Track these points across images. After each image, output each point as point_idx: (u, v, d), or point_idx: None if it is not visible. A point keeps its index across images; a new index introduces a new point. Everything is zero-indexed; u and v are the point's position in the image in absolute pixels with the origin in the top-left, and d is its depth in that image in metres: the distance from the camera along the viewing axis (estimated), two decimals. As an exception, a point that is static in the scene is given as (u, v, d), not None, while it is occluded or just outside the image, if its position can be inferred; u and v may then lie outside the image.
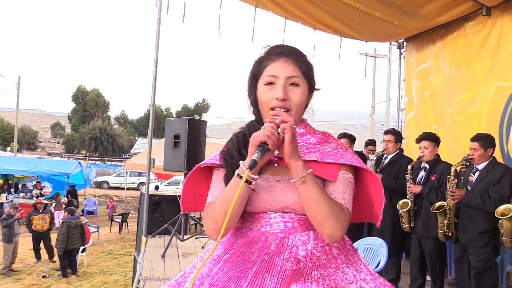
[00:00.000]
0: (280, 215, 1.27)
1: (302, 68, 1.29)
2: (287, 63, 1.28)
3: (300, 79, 1.28)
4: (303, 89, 1.29)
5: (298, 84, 1.28)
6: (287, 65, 1.27)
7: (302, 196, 1.19)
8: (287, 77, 1.27)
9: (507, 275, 4.20)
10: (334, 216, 1.17)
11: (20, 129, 50.78)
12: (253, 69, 1.33)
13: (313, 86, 1.33)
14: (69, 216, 9.38)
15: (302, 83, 1.28)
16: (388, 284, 1.28)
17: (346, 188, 1.26)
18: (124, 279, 8.72)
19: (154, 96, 5.20)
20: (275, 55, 1.29)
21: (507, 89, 4.52)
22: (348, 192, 1.26)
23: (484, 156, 3.57)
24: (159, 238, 5.12)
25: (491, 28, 4.80)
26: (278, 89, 1.25)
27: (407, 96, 6.54)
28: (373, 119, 18.21)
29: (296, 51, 1.32)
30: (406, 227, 4.13)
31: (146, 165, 5.41)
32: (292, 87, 1.27)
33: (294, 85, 1.27)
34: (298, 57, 1.30)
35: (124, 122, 64.26)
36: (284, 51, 1.30)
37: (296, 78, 1.27)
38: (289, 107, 1.26)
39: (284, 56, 1.28)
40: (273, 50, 1.31)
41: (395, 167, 4.48)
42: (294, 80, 1.27)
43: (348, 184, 1.27)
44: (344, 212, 1.21)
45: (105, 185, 26.96)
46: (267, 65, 1.29)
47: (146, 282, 3.66)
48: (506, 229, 3.30)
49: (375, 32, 5.84)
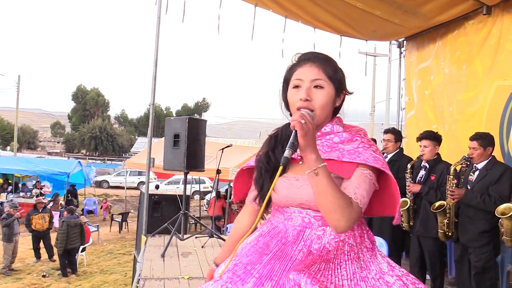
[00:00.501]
0: (298, 211, 1.39)
1: (327, 71, 1.39)
2: (312, 67, 1.39)
3: (324, 81, 1.38)
4: (328, 91, 1.38)
5: (323, 86, 1.38)
6: (312, 69, 1.38)
7: (313, 188, 1.27)
8: (311, 80, 1.37)
9: (508, 274, 4.20)
10: (340, 208, 1.23)
11: (20, 128, 50.78)
12: (284, 75, 1.46)
13: (340, 89, 1.42)
14: (69, 215, 9.37)
15: (326, 85, 1.38)
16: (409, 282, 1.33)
17: (361, 183, 1.31)
18: (124, 279, 8.71)
19: (154, 95, 5.19)
20: (302, 60, 1.42)
21: (508, 88, 4.51)
22: (363, 187, 1.31)
23: (483, 155, 3.56)
24: (159, 238, 5.11)
25: (492, 27, 4.79)
26: (302, 90, 1.37)
27: (407, 95, 6.53)
28: (373, 118, 18.23)
29: (322, 56, 1.42)
30: (405, 226, 4.13)
31: (146, 164, 5.40)
32: (316, 89, 1.37)
33: (319, 87, 1.38)
34: (323, 61, 1.40)
35: (124, 121, 64.30)
36: (310, 56, 1.42)
37: (320, 81, 1.38)
38: (312, 107, 1.36)
39: (310, 61, 1.40)
40: (301, 57, 1.44)
41: (394, 166, 4.47)
42: (318, 83, 1.38)
43: (364, 179, 1.32)
44: (351, 205, 1.26)
45: (105, 184, 26.97)
46: (295, 70, 1.41)
47: (145, 282, 3.64)
48: (506, 228, 3.29)
49: (375, 31, 5.83)
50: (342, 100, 1.45)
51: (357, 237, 1.37)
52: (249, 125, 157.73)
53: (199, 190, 17.39)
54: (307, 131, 1.23)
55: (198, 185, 16.18)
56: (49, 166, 16.42)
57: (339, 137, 1.40)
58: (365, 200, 1.30)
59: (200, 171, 5.10)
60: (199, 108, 61.21)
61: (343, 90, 1.43)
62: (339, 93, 1.42)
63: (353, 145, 1.38)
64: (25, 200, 14.90)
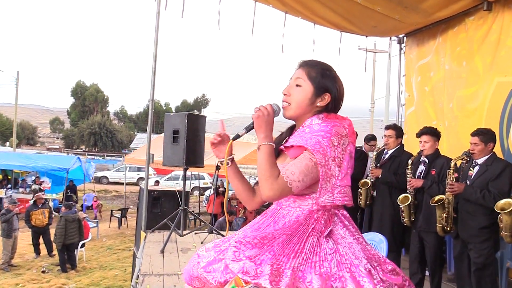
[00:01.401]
0: None
1: (310, 73, 1.63)
2: (299, 69, 1.67)
3: (303, 81, 1.63)
4: (304, 89, 1.63)
5: (301, 85, 1.64)
6: (299, 71, 1.67)
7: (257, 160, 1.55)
8: (295, 78, 1.66)
9: (507, 271, 4.20)
10: (265, 178, 1.50)
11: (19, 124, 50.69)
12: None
13: (322, 90, 1.63)
14: (67, 210, 9.37)
15: (305, 84, 1.63)
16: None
17: (296, 162, 1.52)
18: (123, 274, 8.72)
19: (153, 91, 5.17)
20: (298, 65, 1.70)
21: (508, 85, 4.50)
22: (297, 166, 1.51)
23: (484, 151, 3.55)
24: (158, 233, 5.11)
25: (492, 23, 4.77)
26: (286, 87, 1.67)
27: (407, 91, 6.52)
28: (373, 115, 18.20)
29: (312, 61, 1.68)
30: (407, 221, 4.12)
31: (145, 160, 5.39)
32: (296, 87, 1.65)
33: (298, 86, 1.64)
34: (311, 65, 1.66)
35: (124, 117, 64.22)
36: (302, 62, 1.69)
37: (299, 80, 1.64)
38: (289, 101, 1.65)
39: (302, 66, 1.68)
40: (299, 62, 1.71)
41: (395, 162, 4.47)
42: (297, 82, 1.65)
43: (301, 160, 1.52)
44: (276, 178, 1.49)
45: (104, 180, 26.97)
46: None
47: (145, 278, 3.65)
48: (506, 224, 3.28)
49: (375, 26, 5.80)
50: (328, 101, 1.64)
51: (312, 218, 1.56)
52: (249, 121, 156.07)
53: (198, 186, 17.40)
54: (259, 115, 1.57)
55: (198, 181, 16.20)
56: (48, 162, 16.40)
57: (310, 128, 1.60)
58: (295, 177, 1.49)
59: (199, 167, 5.10)
60: (198, 104, 61.14)
61: (326, 92, 1.63)
62: (319, 94, 1.63)
63: (314, 133, 1.56)
64: (24, 196, 14.89)
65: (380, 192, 4.56)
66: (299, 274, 1.42)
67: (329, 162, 1.50)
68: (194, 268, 1.65)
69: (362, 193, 4.76)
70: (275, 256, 1.43)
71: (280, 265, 1.41)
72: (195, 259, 1.68)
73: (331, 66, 1.69)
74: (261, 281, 1.37)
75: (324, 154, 1.49)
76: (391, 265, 1.61)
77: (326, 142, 1.50)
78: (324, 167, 1.50)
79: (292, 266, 1.42)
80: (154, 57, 5.15)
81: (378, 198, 4.61)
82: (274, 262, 1.41)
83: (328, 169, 1.50)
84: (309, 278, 1.42)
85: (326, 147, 1.50)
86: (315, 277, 1.42)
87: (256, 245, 1.45)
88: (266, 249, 1.45)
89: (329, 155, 1.50)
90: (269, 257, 1.42)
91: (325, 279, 1.43)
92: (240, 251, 1.43)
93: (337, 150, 1.52)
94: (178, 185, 15.88)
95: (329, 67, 1.67)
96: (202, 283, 1.62)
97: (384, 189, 4.48)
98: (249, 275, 1.38)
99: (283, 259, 1.43)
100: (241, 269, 1.39)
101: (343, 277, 1.45)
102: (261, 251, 1.44)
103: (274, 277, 1.37)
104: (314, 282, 1.41)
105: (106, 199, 21.40)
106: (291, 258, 1.44)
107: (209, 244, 1.71)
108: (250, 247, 1.45)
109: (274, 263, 1.41)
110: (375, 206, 4.64)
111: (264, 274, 1.37)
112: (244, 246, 1.45)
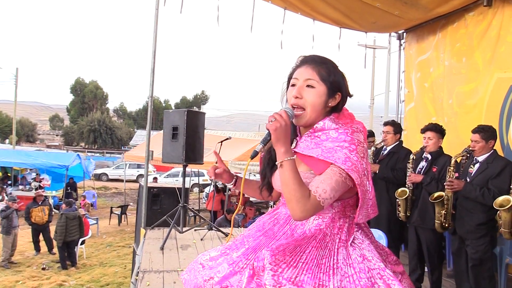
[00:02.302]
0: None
1: (320, 73, 1.51)
2: (307, 68, 1.53)
3: (315, 82, 1.51)
4: (318, 90, 1.50)
5: (314, 86, 1.51)
6: (307, 70, 1.52)
7: (280, 177, 1.42)
8: (304, 79, 1.52)
9: (506, 266, 4.21)
10: (296, 199, 1.36)
11: (19, 121, 50.63)
12: (288, 74, 1.61)
13: (334, 90, 1.53)
14: (67, 208, 9.38)
15: (318, 85, 1.50)
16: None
17: (326, 179, 1.40)
18: (123, 271, 8.74)
19: (152, 87, 5.16)
20: (300, 62, 1.57)
21: (508, 80, 4.49)
22: (327, 182, 1.39)
23: (485, 148, 3.53)
24: (158, 230, 5.12)
25: (492, 19, 4.76)
26: (296, 89, 1.52)
27: (407, 87, 6.51)
28: (372, 111, 18.18)
29: (318, 59, 1.55)
30: (402, 216, 4.13)
31: (145, 157, 5.39)
32: (308, 88, 1.51)
33: (310, 87, 1.51)
34: (319, 63, 1.53)
35: (123, 114, 64.10)
36: (307, 59, 1.56)
37: (311, 81, 1.51)
38: (303, 105, 1.51)
39: (307, 63, 1.54)
40: (301, 59, 1.58)
41: (393, 158, 4.47)
42: (309, 83, 1.51)
43: (331, 176, 1.40)
44: (308, 198, 1.37)
45: (104, 177, 26.97)
46: (295, 71, 1.56)
47: (144, 274, 3.65)
48: (505, 220, 3.28)
49: (375, 22, 5.79)
50: (338, 101, 1.54)
51: (335, 228, 1.49)
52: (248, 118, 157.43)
53: (198, 183, 17.40)
54: (277, 127, 1.39)
55: (197, 177, 16.20)
56: (48, 159, 16.39)
57: (326, 135, 1.49)
58: (327, 195, 1.38)
59: (199, 163, 5.09)
60: (198, 100, 60.99)
61: (338, 92, 1.53)
62: (332, 94, 1.53)
63: (335, 143, 1.44)
64: (24, 193, 14.89)
65: (377, 188, 4.55)
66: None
67: (363, 178, 1.42)
68: (207, 284, 1.52)
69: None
70: (315, 275, 1.35)
71: (323, 284, 1.35)
72: (201, 271, 1.57)
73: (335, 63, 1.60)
74: None
75: (357, 171, 1.39)
76: (393, 256, 1.62)
77: (355, 157, 1.41)
78: (360, 186, 1.41)
79: (335, 285, 1.36)
80: (153, 54, 5.14)
81: (375, 194, 4.60)
82: (316, 282, 1.34)
83: (363, 186, 1.42)
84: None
85: (357, 163, 1.40)
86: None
87: (290, 263, 1.36)
88: (302, 267, 1.36)
89: (361, 170, 1.41)
90: (308, 276, 1.34)
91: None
92: (278, 274, 1.32)
93: (364, 162, 1.43)
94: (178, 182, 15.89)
95: (335, 64, 1.58)
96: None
97: (382, 185, 4.48)
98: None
99: (323, 278, 1.36)
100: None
101: (376, 283, 1.41)
102: (298, 270, 1.35)
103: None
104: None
105: (106, 196, 21.41)
106: (331, 275, 1.37)
107: (212, 252, 1.63)
108: (285, 267, 1.34)
109: (316, 283, 1.34)
110: (373, 202, 4.64)
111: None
112: (280, 268, 1.33)
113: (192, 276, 1.59)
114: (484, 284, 3.46)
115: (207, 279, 1.52)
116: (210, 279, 1.51)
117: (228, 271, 1.48)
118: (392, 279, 1.42)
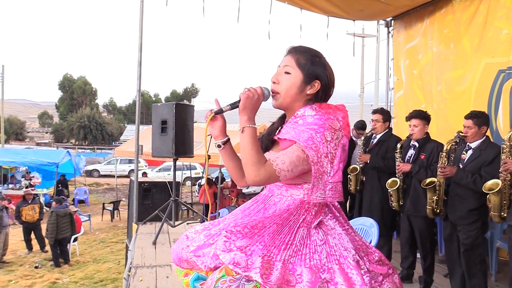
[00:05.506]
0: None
1: (299, 60, 1.58)
2: (288, 56, 1.61)
3: (292, 68, 1.58)
4: (293, 76, 1.57)
5: (289, 72, 1.58)
6: (287, 58, 1.61)
7: (240, 142, 1.49)
8: (283, 66, 1.61)
9: (497, 250, 4.25)
10: (251, 163, 1.45)
11: (7, 119, 49.94)
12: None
13: (311, 78, 1.58)
14: (57, 205, 9.29)
15: (294, 72, 1.57)
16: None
17: (287, 152, 1.48)
18: (117, 267, 8.71)
19: (139, 81, 5.10)
20: (287, 51, 1.65)
21: (496, 66, 4.50)
22: (287, 155, 1.47)
23: (477, 134, 3.49)
24: (150, 225, 5.09)
25: (479, 4, 4.75)
26: (274, 74, 1.62)
27: (396, 75, 6.51)
28: (362, 100, 18.17)
29: (302, 48, 1.62)
30: (395, 205, 4.14)
31: (134, 152, 5.34)
32: (285, 74, 1.59)
33: (286, 73, 1.59)
34: (300, 52, 1.60)
35: (113, 109, 63.53)
36: (290, 49, 1.64)
37: (288, 67, 1.59)
38: (278, 90, 1.60)
39: (290, 52, 1.62)
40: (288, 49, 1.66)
41: (383, 147, 4.46)
42: (286, 69, 1.59)
43: (292, 151, 1.47)
44: (263, 164, 1.45)
45: (95, 173, 26.81)
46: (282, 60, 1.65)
47: (137, 270, 3.63)
48: (494, 204, 3.28)
49: (362, 10, 5.76)
50: (318, 89, 1.59)
51: (303, 209, 1.54)
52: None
53: (190, 176, 17.36)
54: (248, 96, 1.51)
55: (189, 171, 16.14)
56: (38, 157, 16.20)
57: (303, 121, 1.55)
58: (285, 166, 1.45)
59: (189, 157, 5.06)
60: (188, 94, 60.65)
61: (315, 79, 1.58)
62: (308, 81, 1.58)
63: (306, 126, 1.51)
64: (14, 192, 14.74)
65: (369, 177, 4.57)
66: (289, 266, 1.41)
67: (322, 158, 1.46)
68: (184, 251, 1.65)
69: (352, 179, 4.76)
70: (266, 247, 1.42)
71: (270, 257, 1.40)
72: (184, 241, 1.68)
73: (320, 53, 1.64)
74: (252, 273, 1.36)
75: (316, 150, 1.44)
76: (377, 255, 1.62)
77: (319, 138, 1.45)
78: (316, 165, 1.45)
79: (282, 258, 1.41)
80: (139, 47, 5.07)
81: (367, 183, 4.61)
82: (265, 253, 1.40)
83: (320, 166, 1.46)
84: (299, 271, 1.42)
85: (319, 143, 1.45)
86: (305, 270, 1.41)
87: (246, 234, 1.44)
88: (256, 239, 1.43)
89: (322, 151, 1.45)
90: (259, 247, 1.41)
91: (314, 272, 1.42)
92: (230, 241, 1.41)
93: (330, 146, 1.47)
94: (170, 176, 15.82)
95: (318, 54, 1.62)
96: (191, 265, 1.64)
97: (373, 174, 4.48)
98: (240, 266, 1.37)
99: (273, 251, 1.42)
100: (232, 260, 1.38)
101: (331, 268, 1.45)
102: (251, 241, 1.42)
103: (265, 270, 1.37)
104: (304, 275, 1.40)
105: (98, 192, 21.30)
106: (281, 249, 1.43)
107: (198, 226, 1.72)
108: (240, 237, 1.43)
109: (265, 254, 1.39)
110: (364, 191, 4.65)
111: (255, 266, 1.37)
112: (234, 236, 1.42)
113: (176, 246, 1.72)
114: (476, 268, 3.48)
115: (184, 247, 1.66)
116: (187, 247, 1.65)
117: (202, 242, 1.62)
118: (352, 269, 1.45)
